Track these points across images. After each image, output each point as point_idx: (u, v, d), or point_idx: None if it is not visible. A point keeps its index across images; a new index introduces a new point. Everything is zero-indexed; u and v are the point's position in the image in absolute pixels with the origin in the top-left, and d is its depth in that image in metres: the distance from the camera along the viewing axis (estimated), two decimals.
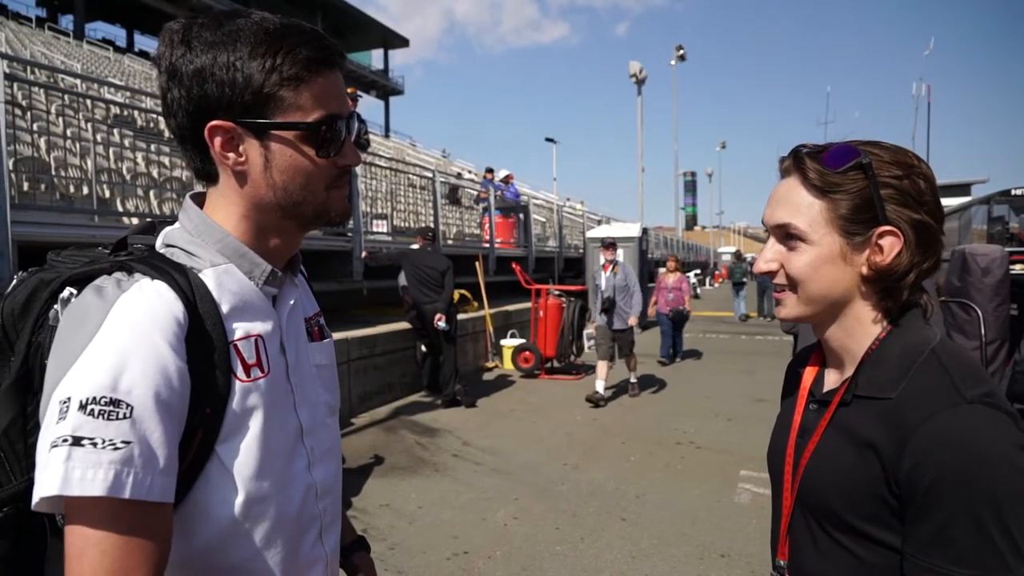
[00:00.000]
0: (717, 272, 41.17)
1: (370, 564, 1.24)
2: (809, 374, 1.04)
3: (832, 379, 0.98)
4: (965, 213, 13.24)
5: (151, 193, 7.86)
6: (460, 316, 8.11)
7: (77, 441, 0.67)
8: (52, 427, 0.68)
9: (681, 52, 33.46)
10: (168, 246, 0.87)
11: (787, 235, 0.92)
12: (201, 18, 0.82)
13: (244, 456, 0.81)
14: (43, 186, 6.34)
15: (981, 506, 0.75)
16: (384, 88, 50.77)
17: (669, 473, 5.07)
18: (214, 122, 0.80)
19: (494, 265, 11.92)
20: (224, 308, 0.83)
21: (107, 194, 7.30)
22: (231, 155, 0.83)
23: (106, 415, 0.68)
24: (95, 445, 0.67)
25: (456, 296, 7.70)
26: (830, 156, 0.89)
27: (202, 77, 0.79)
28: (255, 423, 0.83)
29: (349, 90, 9.21)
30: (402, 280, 7.42)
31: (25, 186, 6.35)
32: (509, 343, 9.52)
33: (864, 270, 0.89)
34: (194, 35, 0.80)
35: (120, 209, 7.06)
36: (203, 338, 0.79)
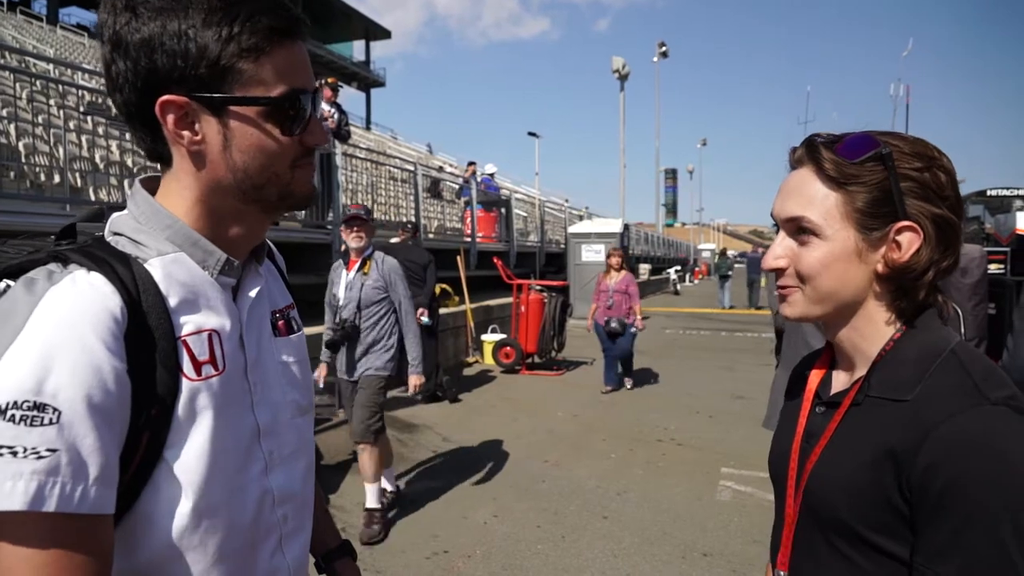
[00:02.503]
0: (697, 268, 41.45)
1: (355, 571, 1.17)
2: (815, 376, 0.98)
3: (841, 381, 0.93)
4: None
5: (125, 182, 7.69)
6: (441, 311, 8.04)
7: None
8: None
9: (664, 49, 33.58)
10: (115, 234, 0.80)
11: (799, 229, 0.87)
12: None
13: (194, 461, 0.75)
14: (12, 174, 6.16)
15: (999, 514, 0.70)
16: (366, 80, 50.31)
17: (650, 471, 5.06)
18: (166, 97, 0.73)
19: (475, 260, 11.87)
20: (172, 301, 0.76)
21: (79, 183, 7.13)
22: (186, 133, 0.75)
23: (28, 420, 0.62)
24: (15, 454, 0.61)
25: (437, 291, 7.61)
26: (847, 146, 0.84)
27: (150, 47, 0.71)
28: (206, 424, 0.77)
29: (329, 80, 9.10)
30: None
31: None
32: (490, 338, 9.47)
33: (880, 267, 0.84)
34: (139, 0, 0.72)
35: (92, 198, 6.90)
36: (145, 334, 0.72)
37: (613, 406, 7.15)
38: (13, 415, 0.61)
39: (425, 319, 6.88)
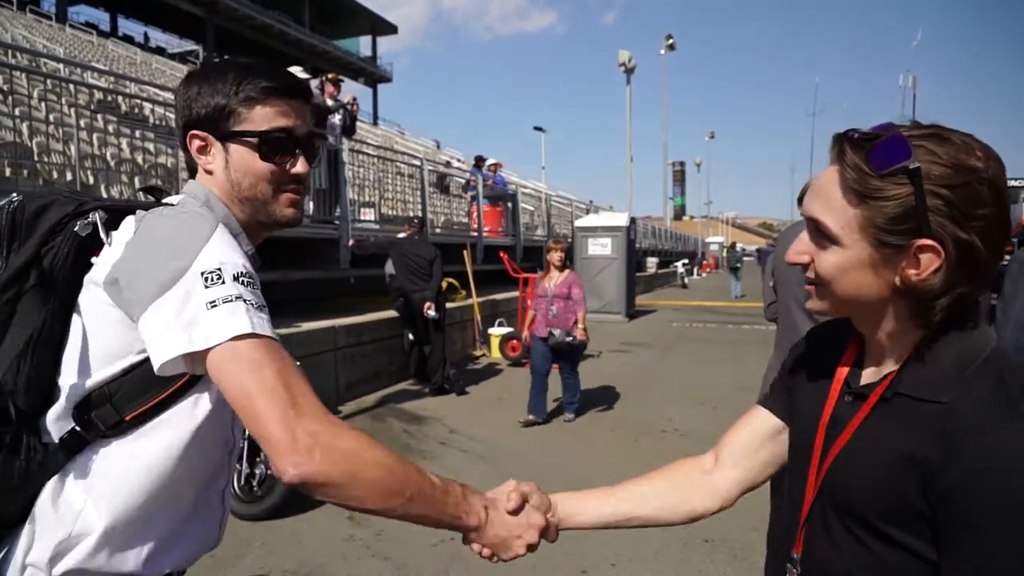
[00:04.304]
0: (705, 262, 41.32)
1: None
2: (846, 361, 0.96)
3: (871, 372, 0.91)
4: None
5: (136, 180, 7.79)
6: (448, 304, 8.10)
7: (245, 300, 0.91)
8: (212, 289, 0.90)
9: (671, 41, 33.46)
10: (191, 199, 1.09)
11: (819, 231, 0.86)
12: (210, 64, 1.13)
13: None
14: (25, 172, 6.26)
15: (1019, 544, 0.70)
16: (372, 75, 50.36)
17: (654, 461, 5.10)
18: (191, 132, 1.09)
19: (482, 254, 11.92)
20: None
21: (91, 180, 7.24)
22: (202, 157, 1.10)
23: (251, 285, 0.95)
24: (251, 305, 0.92)
25: (444, 284, 7.67)
26: (878, 151, 0.78)
27: (192, 101, 1.09)
28: None
29: (331, 76, 9.15)
30: (389, 268, 7.41)
31: (7, 171, 6.28)
32: (496, 332, 9.52)
33: (896, 281, 0.81)
34: (197, 74, 1.11)
35: (104, 196, 6.99)
36: None
37: (618, 397, 7.20)
38: (243, 280, 0.94)
39: (432, 313, 6.95)
